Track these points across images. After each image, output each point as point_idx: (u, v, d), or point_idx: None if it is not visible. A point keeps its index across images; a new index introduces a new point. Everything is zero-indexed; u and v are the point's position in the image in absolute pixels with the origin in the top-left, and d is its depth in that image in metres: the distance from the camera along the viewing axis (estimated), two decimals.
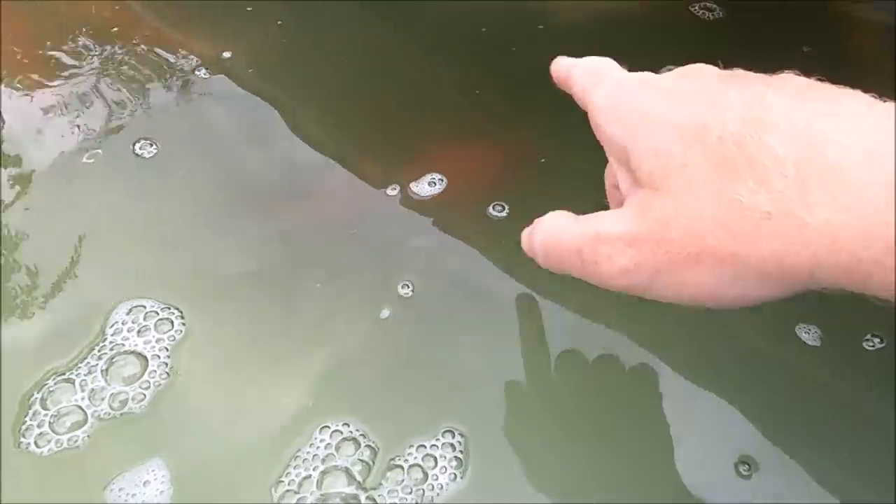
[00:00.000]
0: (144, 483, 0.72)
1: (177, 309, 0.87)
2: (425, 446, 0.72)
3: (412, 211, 0.95)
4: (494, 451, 0.71)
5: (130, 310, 0.87)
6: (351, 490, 0.71)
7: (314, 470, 0.72)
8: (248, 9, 1.25)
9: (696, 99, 0.38)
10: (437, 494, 0.69)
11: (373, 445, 0.73)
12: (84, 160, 1.04)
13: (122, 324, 0.85)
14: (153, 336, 0.85)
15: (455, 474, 0.70)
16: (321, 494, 0.71)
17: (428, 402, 0.76)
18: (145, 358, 0.83)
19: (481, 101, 1.08)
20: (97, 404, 0.79)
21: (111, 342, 0.84)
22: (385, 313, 0.84)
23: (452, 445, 0.72)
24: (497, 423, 0.73)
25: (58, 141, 1.07)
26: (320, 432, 0.75)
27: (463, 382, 0.77)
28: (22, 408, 0.78)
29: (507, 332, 0.81)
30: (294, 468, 0.73)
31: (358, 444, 0.74)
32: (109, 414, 0.78)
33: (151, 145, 1.06)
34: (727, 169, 0.34)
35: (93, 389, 0.80)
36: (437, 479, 0.70)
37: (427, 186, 0.97)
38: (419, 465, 0.71)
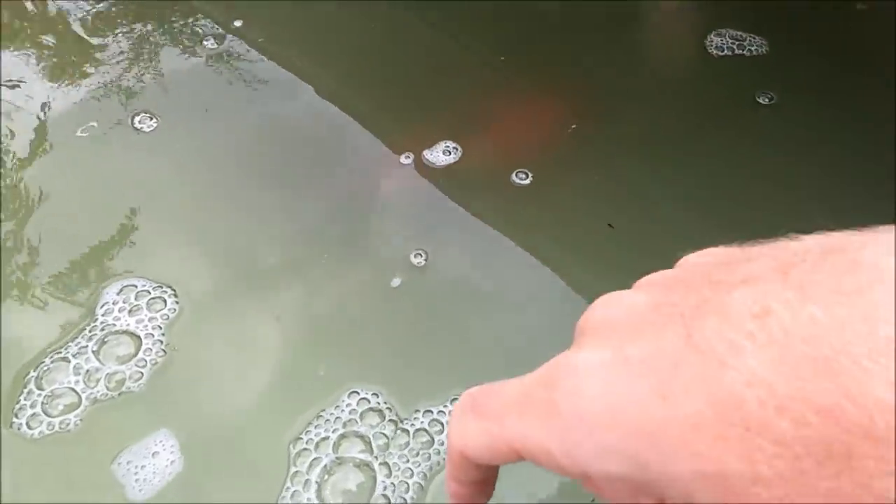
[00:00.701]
0: (153, 454, 0.71)
1: (169, 287, 0.84)
2: (432, 412, 0.72)
3: (426, 179, 0.92)
4: None
5: (122, 289, 0.84)
6: (364, 457, 0.70)
7: (333, 432, 0.72)
8: None
9: (689, 355, 0.24)
10: (444, 459, 0.70)
11: (381, 409, 0.73)
12: (78, 133, 1.00)
13: (114, 304, 0.83)
14: (146, 315, 0.82)
15: None
16: (337, 457, 0.70)
17: (433, 371, 0.76)
18: (138, 337, 0.80)
19: (506, 68, 1.04)
20: (92, 386, 0.76)
21: (102, 322, 0.81)
22: (396, 282, 0.83)
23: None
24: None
25: (50, 111, 1.03)
26: (349, 396, 0.74)
27: (471, 351, 0.77)
28: (17, 387, 0.76)
29: (519, 300, 0.81)
30: (315, 427, 0.72)
31: (369, 405, 0.73)
32: (107, 395, 0.76)
33: (152, 119, 1.02)
34: (829, 460, 0.21)
35: (87, 371, 0.77)
36: (443, 445, 0.71)
37: (442, 155, 0.94)
38: (425, 430, 0.72)
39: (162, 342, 0.79)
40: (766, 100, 0.99)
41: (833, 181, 0.91)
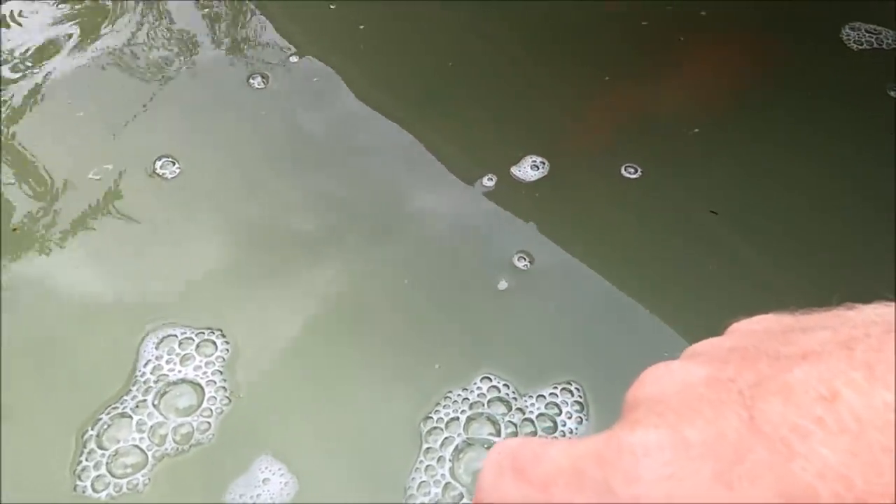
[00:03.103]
0: (264, 481, 0.68)
1: (217, 330, 0.80)
2: (544, 396, 0.74)
3: (516, 194, 0.92)
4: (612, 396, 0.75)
5: (161, 340, 0.79)
6: (495, 440, 0.71)
7: (461, 413, 0.73)
8: (332, 7, 1.13)
9: (753, 440, 0.23)
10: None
11: (508, 399, 0.74)
12: (90, 176, 0.92)
13: (157, 358, 0.78)
14: (202, 361, 0.78)
15: (581, 417, 0.73)
16: (468, 438, 0.71)
17: (548, 362, 0.78)
18: (199, 385, 0.76)
19: (609, 84, 1.03)
20: (158, 443, 0.72)
21: (156, 374, 0.77)
22: (503, 285, 0.83)
23: (570, 391, 0.75)
24: (615, 377, 0.76)
25: (63, 149, 0.95)
26: (481, 381, 0.75)
27: (582, 347, 0.79)
28: (77, 446, 0.71)
29: (633, 296, 0.83)
30: (444, 407, 0.73)
31: (497, 394, 0.75)
32: (176, 448, 0.72)
33: (174, 164, 0.94)
34: None
35: (152, 427, 0.73)
36: (565, 425, 0.73)
37: (530, 170, 0.93)
38: (545, 414, 0.73)
39: (225, 388, 0.76)
40: None
41: None
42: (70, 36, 1.08)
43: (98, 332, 0.80)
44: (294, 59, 1.06)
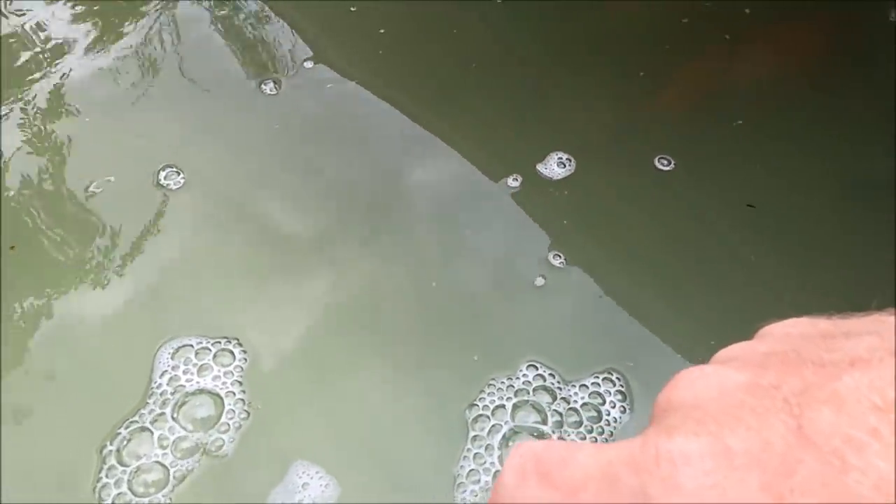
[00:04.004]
0: (303, 486, 0.67)
1: (234, 339, 0.78)
2: (587, 385, 0.74)
3: (544, 192, 0.90)
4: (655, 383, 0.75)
5: (177, 350, 0.77)
6: (542, 427, 0.71)
7: (506, 401, 0.73)
8: (353, 9, 1.09)
9: (803, 450, 0.22)
10: (615, 430, 0.71)
11: (552, 388, 0.74)
12: (91, 188, 0.89)
13: (174, 369, 0.76)
14: (220, 371, 0.75)
15: (624, 407, 0.73)
16: (515, 425, 0.71)
17: (585, 354, 0.78)
18: (218, 396, 0.73)
19: (645, 79, 1.01)
20: (180, 457, 0.69)
21: (173, 385, 0.74)
22: (540, 282, 0.82)
23: (612, 381, 0.74)
24: (659, 369, 0.76)
25: (64, 159, 0.92)
26: (527, 368, 0.75)
27: (622, 340, 0.79)
28: (97, 462, 0.69)
29: (673, 293, 0.82)
30: (489, 395, 0.72)
31: (542, 383, 0.74)
32: (200, 462, 0.70)
33: (178, 174, 0.90)
34: None
35: (174, 441, 0.70)
36: (609, 414, 0.72)
37: (556, 168, 0.92)
38: (589, 403, 0.73)
39: (244, 400, 0.73)
40: None
41: None
42: (75, 41, 1.05)
43: (110, 345, 0.78)
44: (309, 63, 1.03)
